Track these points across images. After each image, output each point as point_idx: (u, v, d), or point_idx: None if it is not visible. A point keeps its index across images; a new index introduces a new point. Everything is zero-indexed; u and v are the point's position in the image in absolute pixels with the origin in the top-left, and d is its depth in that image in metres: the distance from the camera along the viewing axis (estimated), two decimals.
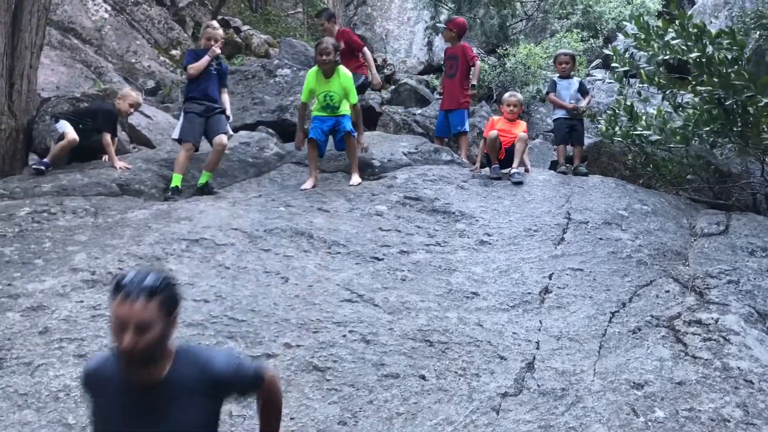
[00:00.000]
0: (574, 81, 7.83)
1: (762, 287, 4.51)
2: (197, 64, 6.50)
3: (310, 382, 3.38)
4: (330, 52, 6.42)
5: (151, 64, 12.82)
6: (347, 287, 4.37)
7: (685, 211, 6.27)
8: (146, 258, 4.44)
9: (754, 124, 6.21)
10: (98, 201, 5.52)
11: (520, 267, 4.87)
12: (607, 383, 3.52)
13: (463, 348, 3.79)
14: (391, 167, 7.23)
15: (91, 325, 3.65)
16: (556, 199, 6.16)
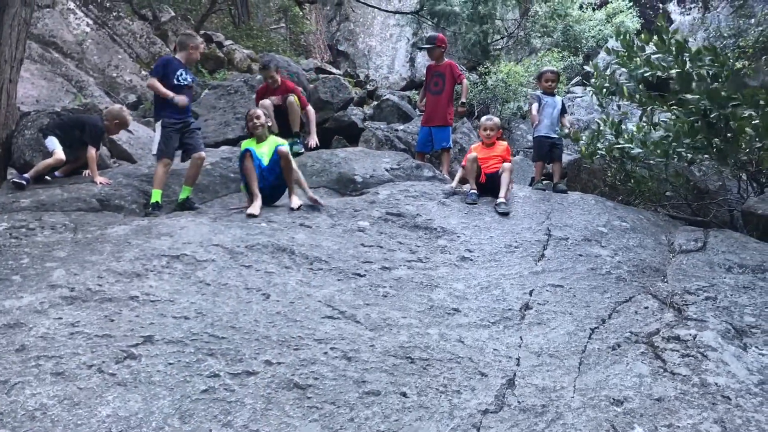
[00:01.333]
0: (557, 99, 7.90)
1: (739, 303, 4.56)
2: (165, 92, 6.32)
3: (290, 399, 3.36)
4: (260, 117, 6.37)
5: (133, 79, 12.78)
6: (329, 304, 4.36)
7: (663, 227, 6.34)
8: (126, 274, 4.40)
9: (734, 139, 6.32)
10: (78, 216, 5.47)
11: (501, 283, 4.90)
12: (587, 400, 3.54)
13: (444, 365, 3.79)
14: (373, 183, 7.26)
15: (69, 342, 3.61)
16: (537, 216, 6.22)
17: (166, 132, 6.35)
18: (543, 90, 7.89)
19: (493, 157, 6.87)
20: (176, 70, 6.53)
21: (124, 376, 3.39)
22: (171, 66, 6.53)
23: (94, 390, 3.27)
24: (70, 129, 6.90)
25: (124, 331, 3.75)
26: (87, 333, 3.70)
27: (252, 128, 6.36)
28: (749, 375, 3.75)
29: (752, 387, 3.64)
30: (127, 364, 3.48)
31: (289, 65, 13.74)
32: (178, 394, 3.30)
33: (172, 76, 6.48)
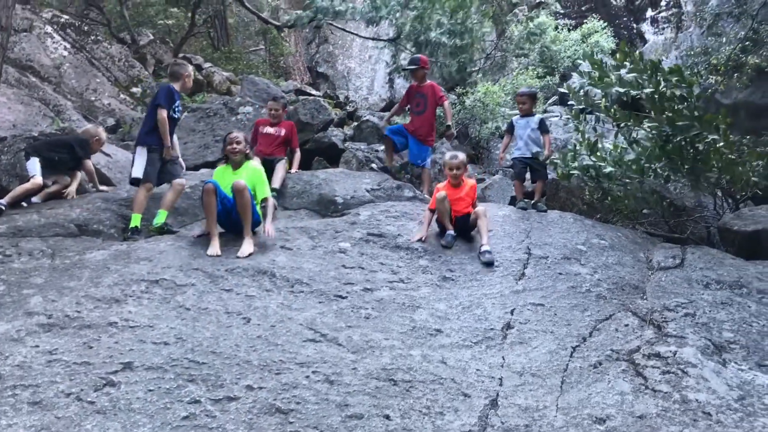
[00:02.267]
0: (534, 119, 7.71)
1: (717, 319, 4.61)
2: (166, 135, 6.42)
3: (272, 425, 3.33)
4: (240, 142, 6.02)
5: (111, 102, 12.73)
6: (310, 327, 4.34)
7: (641, 245, 6.40)
8: (105, 300, 4.36)
9: (704, 161, 6.43)
10: (55, 242, 5.42)
11: (483, 303, 4.91)
12: (570, 418, 3.54)
13: (427, 386, 3.78)
14: (354, 204, 7.27)
15: (47, 370, 3.55)
16: (517, 235, 6.25)
17: (152, 157, 6.36)
18: (519, 112, 7.87)
19: (461, 199, 6.20)
20: (176, 101, 6.65)
21: (103, 403, 3.34)
22: (173, 97, 6.63)
23: (73, 419, 3.21)
24: (54, 150, 6.99)
25: (102, 358, 3.71)
26: (65, 360, 3.65)
27: (230, 152, 5.98)
28: (729, 391, 3.79)
29: (732, 402, 3.68)
30: (106, 392, 3.44)
31: (269, 87, 13.77)
32: (159, 422, 3.26)
33: (171, 107, 6.58)
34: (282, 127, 8.27)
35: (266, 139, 8.12)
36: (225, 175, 5.99)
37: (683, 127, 6.18)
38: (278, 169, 7.63)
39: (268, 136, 8.13)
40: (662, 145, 6.48)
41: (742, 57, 10.28)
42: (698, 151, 6.38)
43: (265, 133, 8.16)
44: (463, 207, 6.17)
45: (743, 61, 10.22)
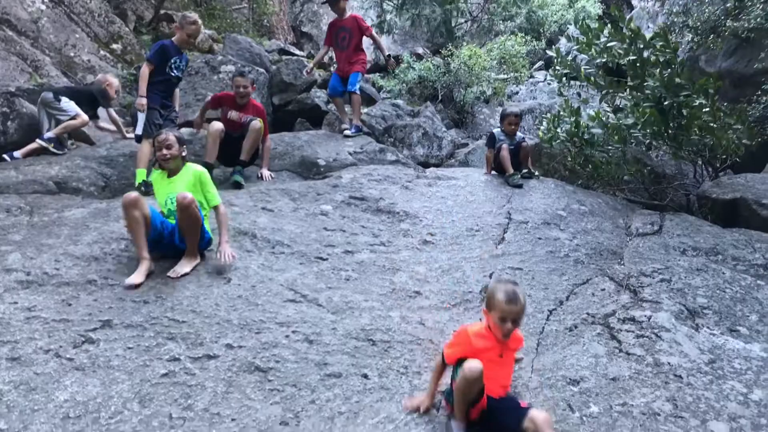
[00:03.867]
0: (517, 137, 7.30)
1: (692, 285, 4.69)
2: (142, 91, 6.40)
3: (252, 383, 3.37)
4: (171, 146, 4.59)
5: (91, 59, 12.46)
6: (291, 287, 4.36)
7: (621, 211, 6.46)
8: (84, 258, 4.33)
9: (686, 127, 6.47)
10: (34, 199, 5.36)
11: (462, 266, 4.95)
12: (544, 380, 3.61)
13: (405, 347, 3.83)
14: (336, 167, 7.25)
15: (26, 327, 3.55)
16: (498, 200, 6.28)
17: (151, 113, 6.41)
18: (504, 130, 7.29)
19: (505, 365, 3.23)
20: (170, 58, 6.60)
21: (82, 360, 3.36)
22: (167, 54, 6.56)
23: (51, 375, 3.23)
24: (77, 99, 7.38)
25: (81, 316, 3.71)
26: (44, 317, 3.65)
27: (161, 159, 4.63)
28: (700, 354, 3.87)
29: (703, 366, 3.76)
30: (85, 349, 3.44)
31: (252, 46, 13.56)
32: (138, 378, 3.28)
33: (166, 64, 6.57)
34: (250, 114, 6.85)
35: (229, 124, 6.75)
36: (160, 184, 4.74)
37: (675, 88, 6.20)
38: (250, 134, 6.57)
39: (231, 123, 6.79)
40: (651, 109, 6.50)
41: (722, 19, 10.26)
42: (683, 116, 6.42)
43: (229, 119, 6.82)
44: (502, 381, 3.20)
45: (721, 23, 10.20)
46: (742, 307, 4.44)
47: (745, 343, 4.03)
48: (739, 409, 3.42)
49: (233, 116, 6.83)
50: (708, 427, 3.28)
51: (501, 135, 7.26)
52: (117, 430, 2.96)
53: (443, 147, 11.43)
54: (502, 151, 6.97)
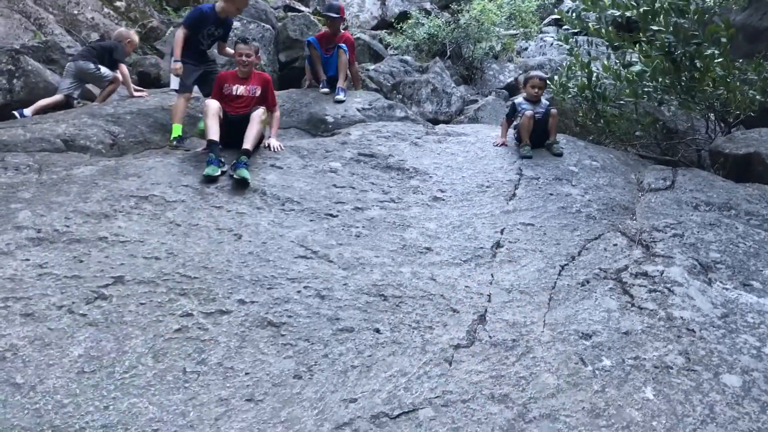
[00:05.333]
0: (541, 106, 6.58)
1: (705, 240, 4.66)
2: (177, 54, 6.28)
3: (264, 337, 3.38)
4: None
5: (95, 16, 12.31)
6: (301, 244, 4.35)
7: (633, 166, 6.39)
8: (94, 215, 4.33)
9: (700, 79, 6.35)
10: (42, 157, 5.33)
11: (473, 222, 4.92)
12: (557, 334, 3.61)
13: (416, 302, 3.83)
14: (344, 123, 7.18)
15: (38, 283, 3.56)
16: (508, 156, 6.22)
17: (187, 68, 6.33)
18: (527, 96, 6.65)
19: None
20: (206, 26, 6.48)
21: (95, 316, 3.37)
22: (202, 19, 6.45)
23: (65, 331, 3.24)
24: (99, 55, 7.72)
25: (93, 272, 3.71)
26: (56, 274, 3.65)
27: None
28: (713, 309, 3.86)
29: (715, 320, 3.75)
30: (97, 305, 3.46)
31: (257, 2, 13.36)
32: (151, 334, 3.30)
33: (200, 31, 6.48)
34: (256, 84, 6.09)
35: (236, 101, 5.99)
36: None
37: (686, 36, 6.06)
38: (253, 123, 5.65)
39: (238, 99, 6.00)
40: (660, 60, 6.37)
41: None
42: (696, 68, 6.29)
43: (235, 95, 6.00)
44: None
45: None
46: (755, 262, 4.41)
47: (758, 297, 4.01)
48: (752, 363, 3.42)
49: (240, 91, 5.98)
50: (721, 380, 3.28)
51: (523, 103, 6.56)
52: (132, 384, 2.98)
53: (452, 103, 11.31)
54: (524, 117, 6.23)
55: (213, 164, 5.17)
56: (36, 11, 10.80)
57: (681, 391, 3.19)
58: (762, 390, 3.23)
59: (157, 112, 6.67)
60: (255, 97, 6.00)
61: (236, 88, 5.98)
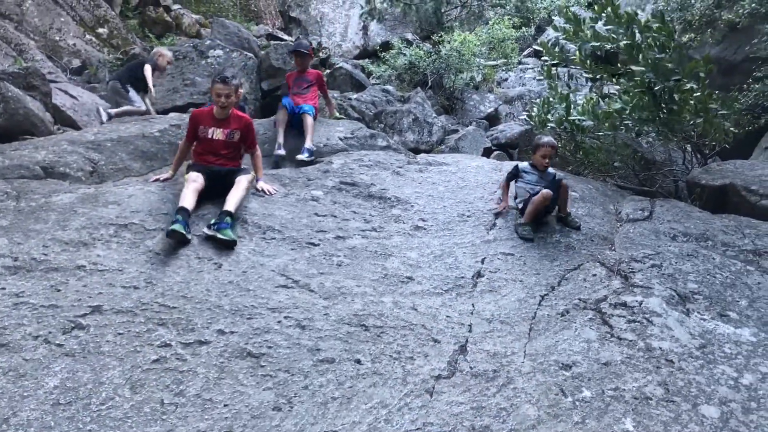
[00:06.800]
0: (548, 175, 5.74)
1: (682, 271, 4.71)
2: None
3: (244, 368, 3.35)
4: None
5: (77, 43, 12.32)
6: (282, 273, 4.34)
7: (611, 197, 6.47)
8: (72, 243, 4.28)
9: (678, 111, 6.48)
10: (20, 184, 5.28)
11: (454, 252, 4.94)
12: (537, 364, 3.61)
13: (397, 332, 3.82)
14: (327, 152, 7.20)
15: (14, 313, 3.51)
16: (489, 186, 6.27)
17: None
18: (534, 163, 5.76)
19: None
20: None
21: (72, 346, 3.32)
22: None
23: (41, 361, 3.19)
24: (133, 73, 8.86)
25: (71, 301, 3.67)
26: (32, 303, 3.61)
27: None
28: (691, 339, 3.89)
29: (694, 350, 3.78)
30: (74, 335, 3.41)
31: (240, 31, 13.45)
32: (129, 364, 3.26)
33: None
34: (235, 127, 5.46)
35: (214, 145, 5.40)
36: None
37: (666, 72, 6.18)
38: (239, 186, 5.06)
39: (216, 143, 5.40)
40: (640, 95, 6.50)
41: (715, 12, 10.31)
42: (674, 101, 6.42)
43: (212, 139, 5.39)
44: None
45: (716, 16, 10.25)
46: (732, 293, 4.47)
47: (735, 327, 4.06)
48: (729, 393, 3.45)
49: (218, 135, 5.38)
50: (699, 411, 3.30)
51: (528, 168, 5.74)
52: (108, 416, 2.93)
53: (433, 133, 11.40)
54: (539, 196, 5.28)
55: (180, 223, 4.47)
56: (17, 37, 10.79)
57: (660, 422, 3.20)
58: (740, 421, 3.25)
59: (137, 139, 6.64)
60: (235, 143, 5.47)
61: (213, 131, 5.40)
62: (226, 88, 5.33)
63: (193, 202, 4.82)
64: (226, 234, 4.53)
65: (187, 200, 4.78)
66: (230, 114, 5.48)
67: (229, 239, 4.51)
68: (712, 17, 10.47)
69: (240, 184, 5.08)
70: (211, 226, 4.61)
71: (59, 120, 8.53)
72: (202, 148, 5.42)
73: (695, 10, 10.83)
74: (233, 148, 5.49)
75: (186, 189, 4.89)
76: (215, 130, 5.41)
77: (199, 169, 5.20)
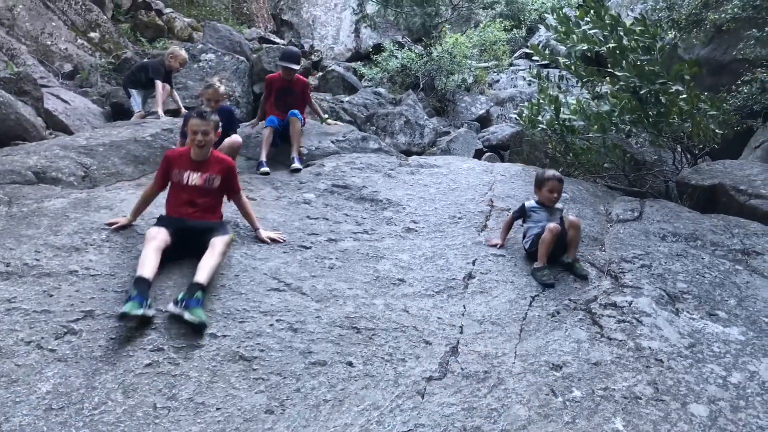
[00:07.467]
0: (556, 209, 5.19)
1: (672, 271, 4.75)
2: None
3: (236, 372, 3.36)
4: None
5: (68, 47, 12.30)
6: (274, 276, 4.35)
7: (602, 198, 6.51)
8: (64, 248, 4.29)
9: (666, 113, 6.53)
10: (12, 189, 5.29)
11: (445, 253, 4.96)
12: (528, 365, 3.64)
13: (389, 334, 3.84)
14: (318, 155, 7.23)
15: (6, 318, 3.51)
16: (480, 187, 6.30)
17: None
18: (541, 200, 5.17)
19: None
20: None
21: (65, 351, 3.33)
22: None
23: (33, 366, 3.20)
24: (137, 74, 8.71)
25: (63, 306, 3.68)
26: (24, 309, 3.61)
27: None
28: (680, 339, 3.93)
29: (683, 350, 3.82)
30: (67, 340, 3.42)
31: (232, 34, 13.46)
32: (121, 369, 3.27)
33: None
34: (215, 171, 4.59)
35: (189, 193, 4.51)
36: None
37: (650, 76, 6.24)
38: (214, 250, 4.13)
39: (192, 190, 4.52)
40: (627, 98, 6.55)
41: (702, 12, 10.37)
42: (661, 104, 6.47)
43: (188, 185, 4.52)
44: None
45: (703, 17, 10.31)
46: (721, 292, 4.51)
47: (723, 327, 4.10)
48: (718, 392, 3.49)
49: (194, 179, 4.52)
50: (688, 410, 3.33)
51: (535, 207, 5.16)
52: (101, 420, 2.95)
53: (425, 135, 11.44)
54: (547, 231, 4.75)
55: (135, 300, 3.60)
56: (8, 42, 10.77)
57: (650, 421, 3.24)
58: (728, 419, 3.29)
59: (129, 143, 6.65)
60: (214, 190, 4.60)
61: (189, 176, 4.52)
62: (204, 123, 4.52)
63: (154, 266, 3.92)
64: (196, 315, 3.64)
65: (146, 266, 3.88)
66: (210, 155, 4.64)
67: (199, 321, 3.62)
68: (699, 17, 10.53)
69: (215, 249, 4.14)
70: (178, 302, 3.69)
71: (51, 125, 8.53)
72: (174, 196, 4.54)
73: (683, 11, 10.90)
74: (212, 196, 4.60)
75: (146, 249, 4.01)
76: (191, 175, 4.52)
77: (168, 223, 4.32)
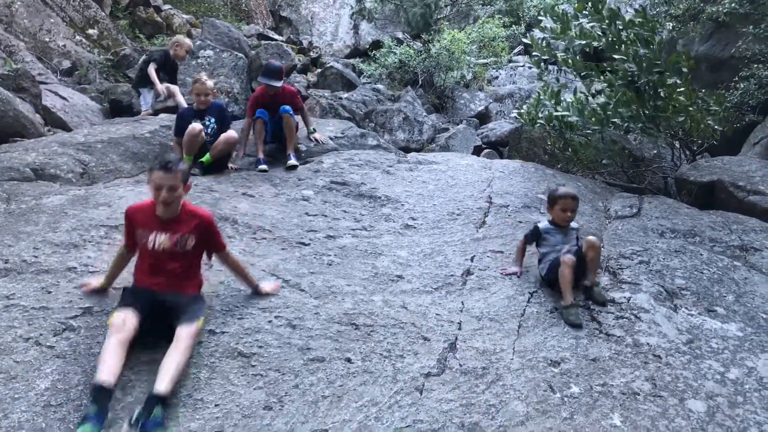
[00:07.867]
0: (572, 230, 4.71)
1: (670, 267, 4.75)
2: None
3: (235, 368, 3.37)
4: None
5: (67, 44, 12.27)
6: (273, 273, 4.36)
7: (600, 194, 6.52)
8: (63, 245, 4.29)
9: (663, 108, 6.52)
10: (11, 186, 5.29)
11: (444, 250, 4.97)
12: (526, 361, 3.65)
13: (388, 330, 3.85)
14: (317, 152, 7.23)
15: (5, 315, 3.51)
16: (478, 184, 6.31)
17: None
18: (554, 220, 4.67)
19: None
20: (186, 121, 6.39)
21: (63, 348, 3.33)
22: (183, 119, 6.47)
23: (32, 363, 3.20)
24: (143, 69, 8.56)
25: (62, 303, 3.68)
26: (23, 305, 3.61)
27: None
28: (678, 335, 3.93)
29: (681, 346, 3.83)
30: (65, 336, 3.42)
31: (230, 31, 13.43)
32: None
33: None
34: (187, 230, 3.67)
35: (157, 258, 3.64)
36: None
37: (648, 64, 6.23)
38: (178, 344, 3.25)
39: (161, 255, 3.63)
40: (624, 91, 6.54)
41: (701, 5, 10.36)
42: (659, 97, 6.46)
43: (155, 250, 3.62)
44: None
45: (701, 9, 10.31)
46: (719, 288, 4.51)
47: (722, 323, 4.10)
48: (716, 388, 3.49)
49: (161, 240, 3.61)
50: (686, 406, 3.34)
51: (549, 228, 4.67)
52: None
53: (424, 132, 11.44)
54: (563, 266, 4.25)
55: (91, 422, 2.83)
56: (6, 38, 10.75)
57: (648, 417, 3.24)
58: (726, 415, 3.29)
59: (128, 140, 6.66)
60: (189, 253, 3.70)
61: (156, 238, 3.62)
62: (169, 178, 3.55)
63: (116, 367, 3.10)
64: None
65: (106, 368, 3.06)
66: (180, 212, 3.70)
67: None
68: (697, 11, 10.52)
69: (179, 344, 3.25)
70: (133, 423, 2.87)
71: (50, 121, 8.52)
72: (141, 262, 3.72)
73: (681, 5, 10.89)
74: (186, 260, 3.71)
75: (107, 344, 3.18)
76: (158, 236, 3.62)
77: (135, 298, 3.50)
